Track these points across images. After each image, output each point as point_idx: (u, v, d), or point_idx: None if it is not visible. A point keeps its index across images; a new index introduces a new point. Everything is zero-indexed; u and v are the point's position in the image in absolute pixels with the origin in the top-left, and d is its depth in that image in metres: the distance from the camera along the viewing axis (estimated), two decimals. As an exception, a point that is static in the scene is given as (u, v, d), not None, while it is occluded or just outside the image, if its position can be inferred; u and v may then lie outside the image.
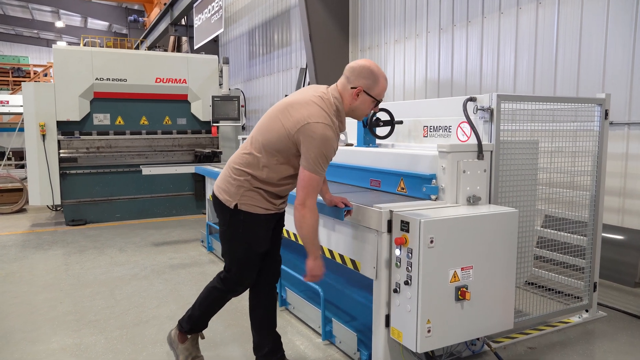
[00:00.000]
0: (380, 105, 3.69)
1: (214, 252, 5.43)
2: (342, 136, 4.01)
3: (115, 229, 6.78)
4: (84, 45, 20.25)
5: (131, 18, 20.33)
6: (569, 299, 3.48)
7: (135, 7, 25.03)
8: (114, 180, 7.29)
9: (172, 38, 18.81)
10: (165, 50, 18.99)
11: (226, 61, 7.51)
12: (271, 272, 2.80)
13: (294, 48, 10.32)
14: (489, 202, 2.91)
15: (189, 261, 5.18)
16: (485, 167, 2.85)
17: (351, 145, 3.91)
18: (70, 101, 6.82)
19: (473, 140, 2.98)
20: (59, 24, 28.57)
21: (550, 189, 3.39)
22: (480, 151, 2.83)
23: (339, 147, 3.89)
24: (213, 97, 7.19)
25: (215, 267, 4.95)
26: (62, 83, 6.74)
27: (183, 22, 15.27)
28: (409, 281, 2.42)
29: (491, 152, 2.90)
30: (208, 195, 5.76)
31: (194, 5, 12.55)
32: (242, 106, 7.37)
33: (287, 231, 3.60)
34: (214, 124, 7.27)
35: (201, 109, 7.72)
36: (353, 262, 2.87)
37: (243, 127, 8.34)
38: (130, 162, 7.33)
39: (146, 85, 7.31)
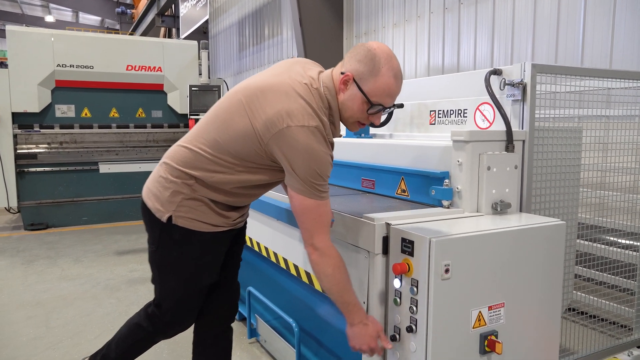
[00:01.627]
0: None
1: (183, 263, 4.66)
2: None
3: (78, 234, 6.01)
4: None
5: (119, 10, 19.51)
6: (620, 331, 2.73)
7: (128, 2, 24.27)
8: (80, 179, 6.51)
9: (162, 30, 18.05)
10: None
11: (205, 46, 6.75)
12: (224, 307, 2.04)
13: (285, 38, 9.58)
14: (520, 210, 2.15)
15: (153, 274, 4.42)
16: (517, 163, 2.09)
17: (339, 136, 3.14)
18: (28, 90, 6.04)
19: (497, 127, 2.24)
20: (49, 19, 27.79)
21: (588, 190, 2.65)
22: (510, 140, 2.07)
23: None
24: (190, 86, 6.43)
25: (181, 282, 4.19)
26: (17, 70, 5.96)
27: (171, 13, 14.51)
28: (414, 327, 1.67)
29: (523, 142, 2.14)
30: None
31: (180, -7, 11.80)
32: (224, 97, 6.60)
33: (258, 243, 2.85)
34: (192, 117, 6.51)
35: (179, 101, 6.94)
36: (336, 291, 2.11)
37: (226, 121, 7.58)
38: (99, 159, 6.53)
39: (116, 74, 6.53)
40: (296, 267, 2.45)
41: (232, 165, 1.69)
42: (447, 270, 1.61)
